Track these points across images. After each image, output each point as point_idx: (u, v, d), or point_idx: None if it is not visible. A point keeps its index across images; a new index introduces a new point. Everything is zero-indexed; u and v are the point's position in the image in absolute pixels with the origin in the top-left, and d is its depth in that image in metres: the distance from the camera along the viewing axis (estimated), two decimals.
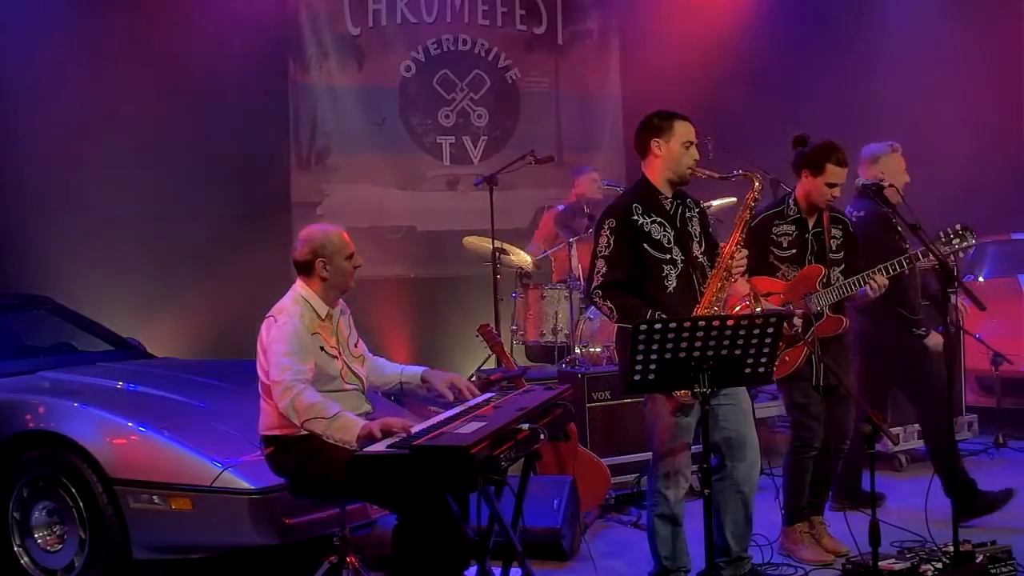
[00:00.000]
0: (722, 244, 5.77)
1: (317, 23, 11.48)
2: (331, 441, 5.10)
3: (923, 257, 6.33)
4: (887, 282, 6.29)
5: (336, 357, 5.45)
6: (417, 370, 5.79)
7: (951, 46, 12.38)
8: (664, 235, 5.63)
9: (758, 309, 5.75)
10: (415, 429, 4.85)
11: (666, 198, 5.73)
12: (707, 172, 5.78)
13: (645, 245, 5.59)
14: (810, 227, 6.44)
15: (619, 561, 6.60)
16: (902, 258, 6.33)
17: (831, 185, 6.28)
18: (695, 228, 5.79)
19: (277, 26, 11.21)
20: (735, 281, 5.67)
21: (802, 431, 6.43)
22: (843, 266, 6.44)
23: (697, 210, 5.87)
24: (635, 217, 5.61)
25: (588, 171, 10.34)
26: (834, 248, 6.47)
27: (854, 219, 6.74)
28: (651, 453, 5.78)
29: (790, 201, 6.48)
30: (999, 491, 7.07)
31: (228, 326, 9.62)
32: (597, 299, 5.61)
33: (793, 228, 6.43)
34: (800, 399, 6.37)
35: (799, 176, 6.42)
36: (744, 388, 5.75)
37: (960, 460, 7.09)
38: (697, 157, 5.74)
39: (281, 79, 11.35)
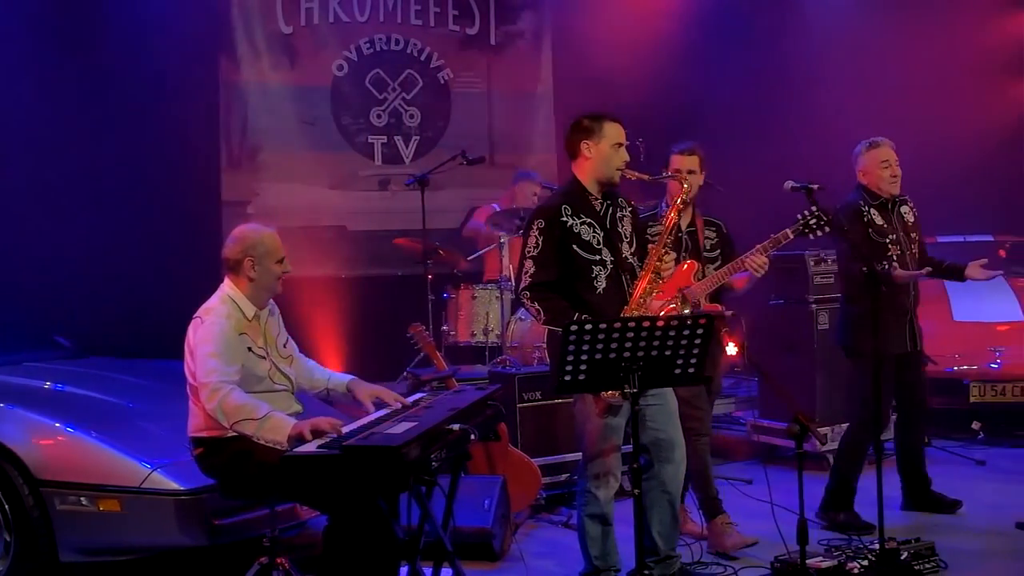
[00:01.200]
0: (650, 246, 5.81)
1: (249, 21, 11.40)
2: (261, 442, 5.08)
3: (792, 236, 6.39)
4: (767, 260, 6.40)
5: (264, 358, 5.42)
6: (344, 379, 5.77)
7: (872, 48, 12.52)
8: (593, 236, 5.65)
9: (686, 311, 5.81)
10: (346, 429, 4.84)
11: (596, 199, 5.75)
12: (636, 174, 5.82)
13: (574, 246, 5.61)
14: (683, 226, 6.66)
15: (550, 561, 6.62)
16: (777, 236, 6.40)
17: (677, 172, 6.50)
18: (625, 229, 5.81)
19: (208, 23, 11.11)
20: (663, 283, 5.72)
21: (692, 422, 6.54)
22: (718, 263, 6.65)
23: (628, 210, 5.90)
24: (564, 218, 5.62)
25: (530, 179, 10.34)
26: (708, 248, 6.74)
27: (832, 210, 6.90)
28: (581, 453, 5.80)
29: (662, 203, 6.72)
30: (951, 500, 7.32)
31: (156, 325, 9.50)
32: (525, 300, 5.63)
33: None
34: (684, 393, 6.50)
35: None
36: (671, 389, 5.79)
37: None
38: (627, 159, 5.77)
39: (212, 76, 11.26)
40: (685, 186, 6.01)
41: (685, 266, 6.30)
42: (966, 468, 7.58)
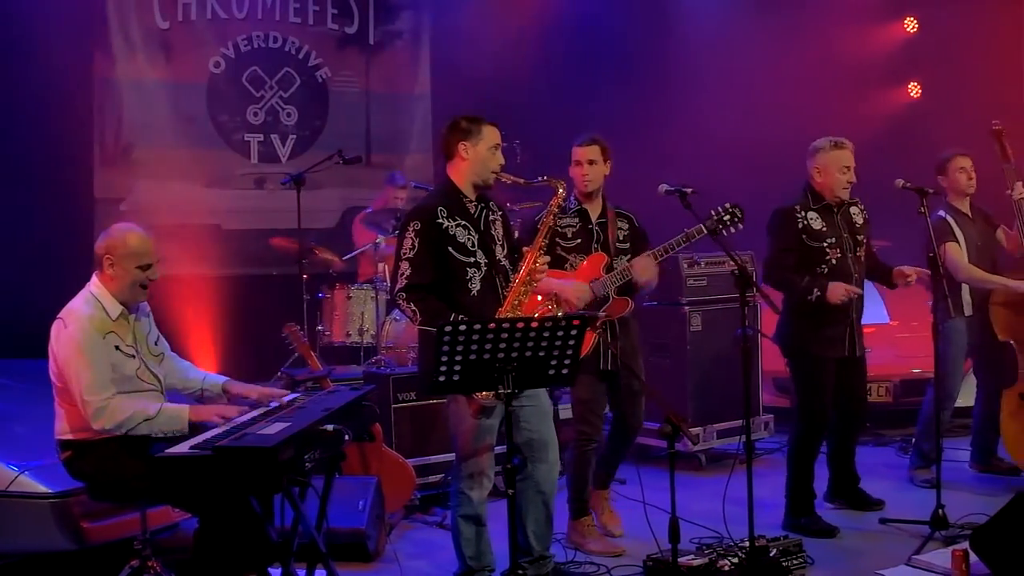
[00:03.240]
0: (525, 248, 5.86)
1: (124, 15, 11.20)
2: (160, 435, 5.03)
3: (698, 235, 6.55)
4: (650, 263, 6.56)
5: (133, 356, 5.33)
6: (219, 380, 5.71)
7: (752, 50, 12.70)
8: (468, 238, 5.67)
9: (559, 313, 5.88)
10: (246, 417, 4.84)
11: (470, 201, 5.77)
12: (512, 177, 5.86)
13: (449, 248, 5.62)
14: (593, 218, 6.76)
15: (424, 562, 6.62)
16: (670, 242, 6.57)
17: (578, 164, 6.69)
18: (498, 232, 5.85)
19: (82, 17, 10.91)
20: (537, 285, 5.78)
21: (585, 426, 6.75)
22: (630, 255, 6.72)
23: (500, 213, 5.94)
24: (440, 220, 5.62)
25: (397, 183, 10.37)
26: (620, 239, 6.82)
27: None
28: (454, 454, 5.83)
29: (571, 197, 6.78)
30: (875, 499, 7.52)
31: (27, 324, 9.30)
32: (401, 301, 5.61)
33: (576, 220, 6.75)
34: (584, 395, 6.68)
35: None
36: (544, 389, 5.85)
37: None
38: (503, 162, 5.80)
39: (86, 71, 11.05)
40: (561, 191, 6.07)
41: (595, 258, 6.52)
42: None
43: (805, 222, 7.00)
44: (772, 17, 12.61)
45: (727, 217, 6.49)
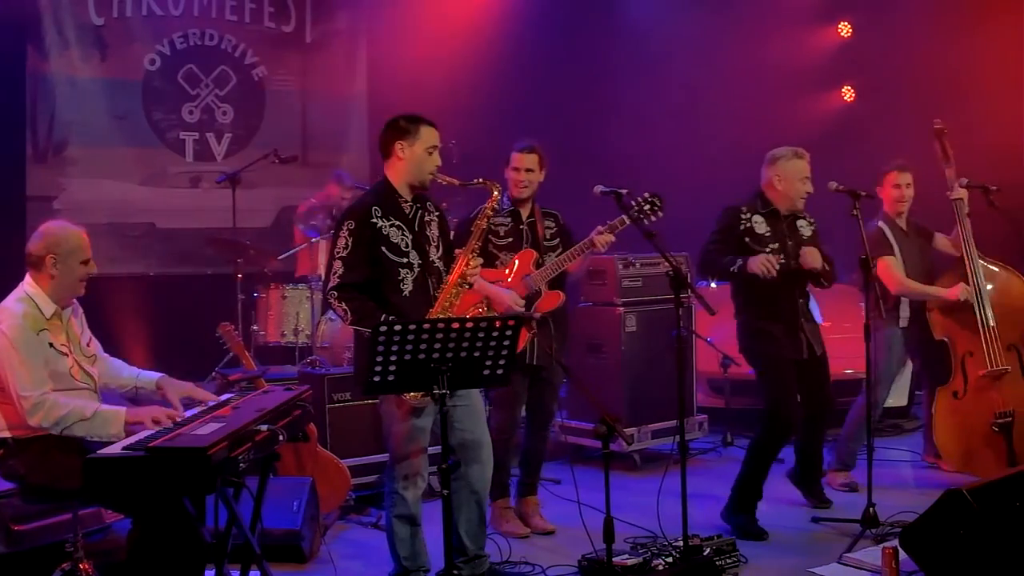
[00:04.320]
0: (458, 251, 5.88)
1: (58, 11, 11.09)
2: (96, 439, 5.00)
3: (623, 225, 6.70)
4: (612, 238, 6.74)
5: (66, 355, 5.33)
6: (153, 376, 5.69)
7: (693, 52, 12.78)
8: (402, 239, 5.67)
9: (492, 313, 5.91)
10: (188, 413, 4.82)
11: (406, 201, 5.77)
12: (448, 178, 5.87)
13: (383, 248, 5.62)
14: (524, 218, 6.95)
15: (359, 562, 6.61)
16: (614, 222, 6.73)
17: (516, 170, 6.84)
18: (433, 232, 5.85)
19: (14, 11, 10.78)
20: (469, 287, 5.80)
21: (503, 414, 6.97)
22: (559, 251, 6.92)
23: (436, 214, 5.94)
24: (374, 219, 5.62)
25: (346, 182, 10.33)
26: (548, 236, 7.01)
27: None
28: (388, 455, 5.83)
29: (505, 197, 6.90)
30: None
31: None
32: (332, 300, 5.61)
33: (509, 220, 6.92)
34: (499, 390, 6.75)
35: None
36: (477, 390, 5.88)
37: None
38: (439, 163, 5.80)
39: (19, 67, 10.93)
40: (496, 193, 6.10)
41: (525, 255, 6.73)
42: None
43: (749, 224, 7.07)
44: (708, 19, 12.70)
45: (647, 206, 6.59)
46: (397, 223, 5.68)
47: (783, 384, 7.11)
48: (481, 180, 6.05)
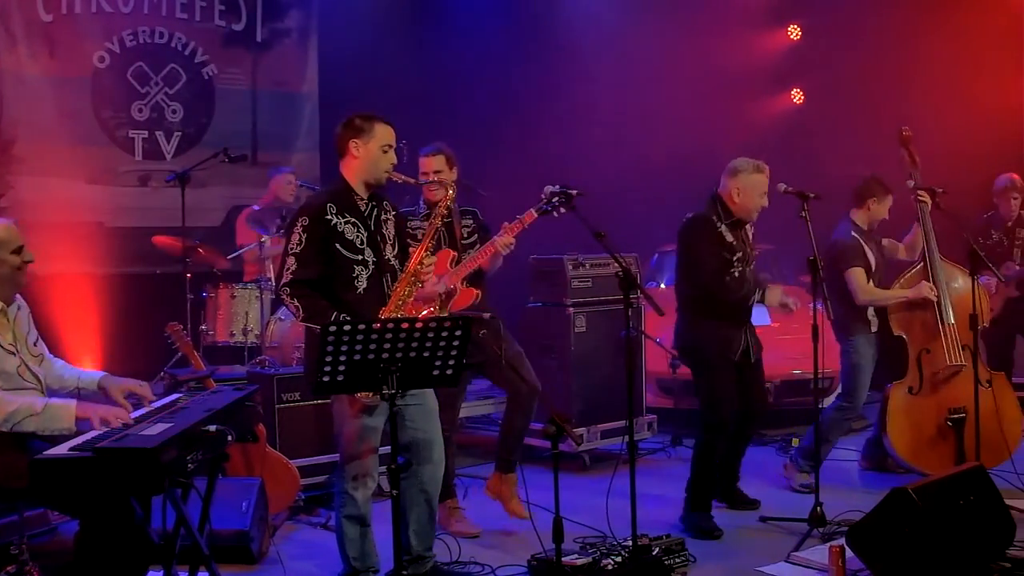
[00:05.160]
0: (411, 248, 5.89)
1: (6, 7, 10.97)
2: (46, 434, 4.95)
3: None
4: (513, 240, 6.78)
5: (13, 354, 5.27)
6: (95, 376, 5.63)
7: (638, 53, 12.83)
8: (357, 235, 5.67)
9: (444, 314, 5.91)
10: (136, 414, 4.79)
11: (361, 199, 5.77)
12: (403, 177, 5.89)
13: (337, 245, 5.62)
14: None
15: (308, 563, 6.59)
16: (523, 216, 6.76)
17: (424, 174, 6.84)
18: (389, 231, 5.86)
19: None
20: (422, 286, 5.80)
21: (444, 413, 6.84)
22: (478, 248, 6.95)
23: (393, 213, 5.94)
24: (329, 216, 5.62)
25: (284, 172, 10.35)
26: (466, 235, 7.09)
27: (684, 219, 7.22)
28: (338, 455, 5.83)
29: (420, 202, 7.00)
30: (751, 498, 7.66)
31: None
32: (285, 296, 5.59)
33: (425, 223, 6.79)
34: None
35: None
36: (432, 389, 5.87)
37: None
38: (395, 161, 5.81)
39: None
40: (451, 192, 6.13)
41: (442, 255, 6.70)
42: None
43: (721, 233, 7.11)
44: (659, 20, 12.75)
45: (555, 199, 6.59)
46: (352, 220, 5.68)
47: (722, 383, 7.17)
48: (437, 179, 6.08)
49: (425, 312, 5.85)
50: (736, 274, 7.06)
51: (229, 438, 4.94)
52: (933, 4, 11.32)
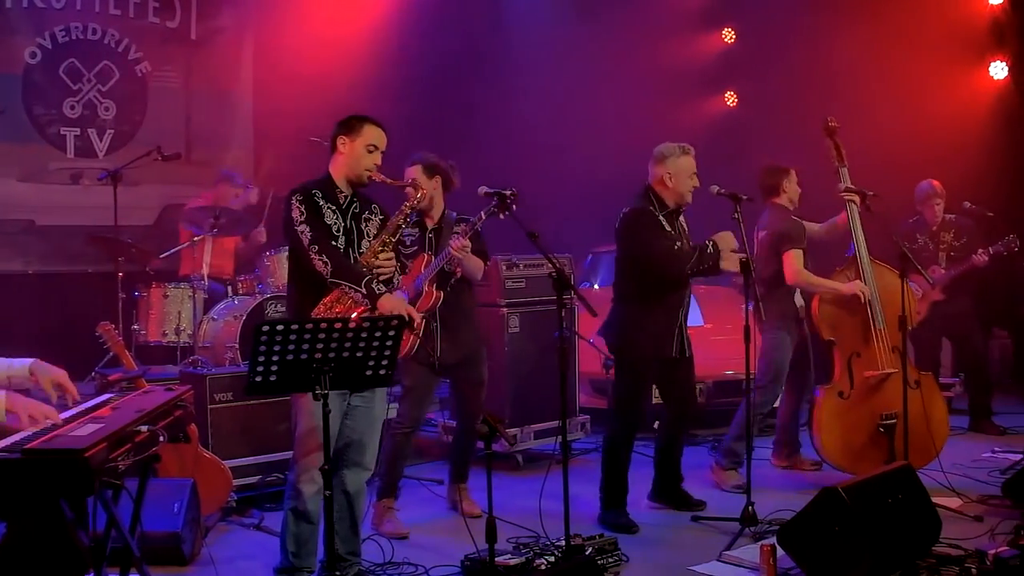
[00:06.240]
0: (373, 241, 5.90)
1: None
2: None
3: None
4: (467, 243, 6.86)
5: None
6: (25, 363, 5.54)
7: (576, 54, 12.87)
8: (335, 222, 5.78)
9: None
10: (65, 414, 4.75)
11: (342, 193, 5.86)
12: (382, 177, 5.94)
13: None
14: (429, 227, 7.17)
15: (241, 564, 6.56)
16: (473, 220, 6.87)
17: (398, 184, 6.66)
18: (370, 230, 5.93)
19: None
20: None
21: (405, 409, 7.06)
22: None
23: (380, 217, 6.01)
24: (315, 198, 5.75)
25: (237, 183, 10.27)
26: None
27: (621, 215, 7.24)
28: (293, 449, 5.85)
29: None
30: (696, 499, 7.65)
31: None
32: (313, 255, 5.64)
33: (415, 230, 7.16)
34: (409, 382, 6.97)
35: None
36: (383, 394, 5.93)
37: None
38: (378, 162, 5.88)
39: None
40: (418, 195, 6.19)
41: (419, 260, 6.98)
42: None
43: (662, 224, 7.15)
44: (594, 22, 12.79)
45: (494, 207, 6.64)
46: (332, 207, 5.79)
47: (640, 380, 7.25)
48: (412, 183, 6.33)
49: (355, 314, 5.85)
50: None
51: (161, 439, 4.90)
52: (865, 10, 11.43)
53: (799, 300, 8.15)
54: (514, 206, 6.56)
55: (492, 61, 12.95)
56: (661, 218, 7.15)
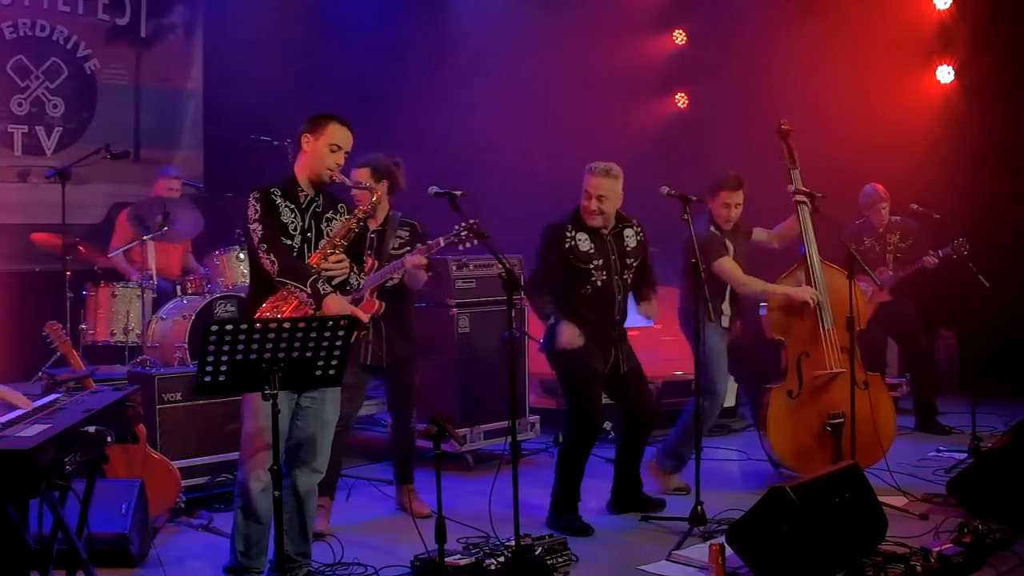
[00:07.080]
0: (324, 240, 5.88)
1: None
2: None
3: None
4: (424, 260, 6.88)
5: None
6: None
7: (528, 56, 12.88)
8: (292, 221, 5.75)
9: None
10: (11, 415, 4.72)
11: (303, 192, 5.83)
12: (344, 179, 5.96)
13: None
14: (372, 228, 7.10)
15: (189, 565, 6.53)
16: (430, 243, 6.85)
17: (356, 185, 6.66)
18: (331, 229, 5.89)
19: None
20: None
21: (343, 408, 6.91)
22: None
23: (344, 218, 5.96)
24: (274, 196, 5.71)
25: (170, 175, 10.22)
26: (396, 247, 7.18)
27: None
28: (240, 448, 5.82)
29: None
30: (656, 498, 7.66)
31: None
32: (262, 254, 5.62)
33: (407, 232, 7.20)
34: (349, 379, 6.80)
35: None
36: (336, 396, 5.92)
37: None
38: (340, 162, 5.85)
39: None
40: (374, 198, 6.21)
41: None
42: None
43: (574, 243, 7.17)
44: (544, 22, 12.80)
45: (464, 234, 6.61)
46: (291, 207, 5.76)
47: (585, 384, 7.25)
48: (366, 184, 6.46)
49: (303, 311, 5.84)
50: (598, 283, 7.17)
51: (108, 439, 4.87)
52: (817, 11, 11.50)
53: (726, 306, 8.13)
54: (467, 240, 6.60)
55: (442, 60, 12.92)
56: (579, 235, 7.19)
